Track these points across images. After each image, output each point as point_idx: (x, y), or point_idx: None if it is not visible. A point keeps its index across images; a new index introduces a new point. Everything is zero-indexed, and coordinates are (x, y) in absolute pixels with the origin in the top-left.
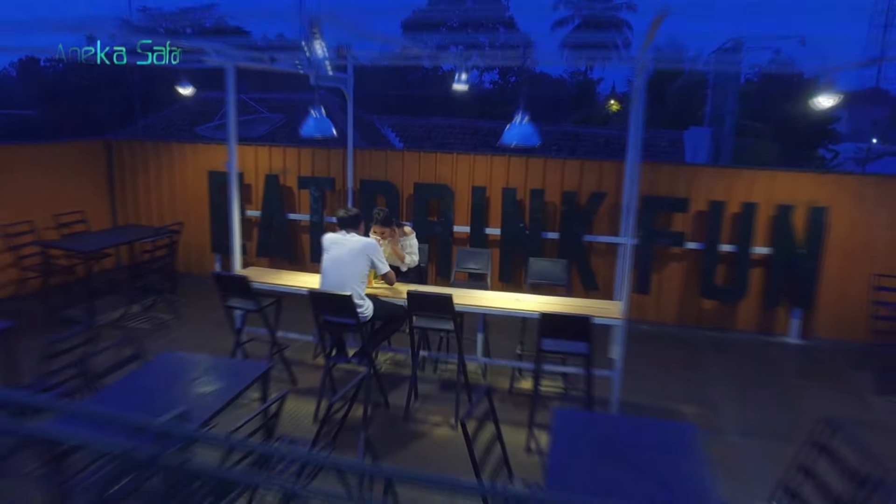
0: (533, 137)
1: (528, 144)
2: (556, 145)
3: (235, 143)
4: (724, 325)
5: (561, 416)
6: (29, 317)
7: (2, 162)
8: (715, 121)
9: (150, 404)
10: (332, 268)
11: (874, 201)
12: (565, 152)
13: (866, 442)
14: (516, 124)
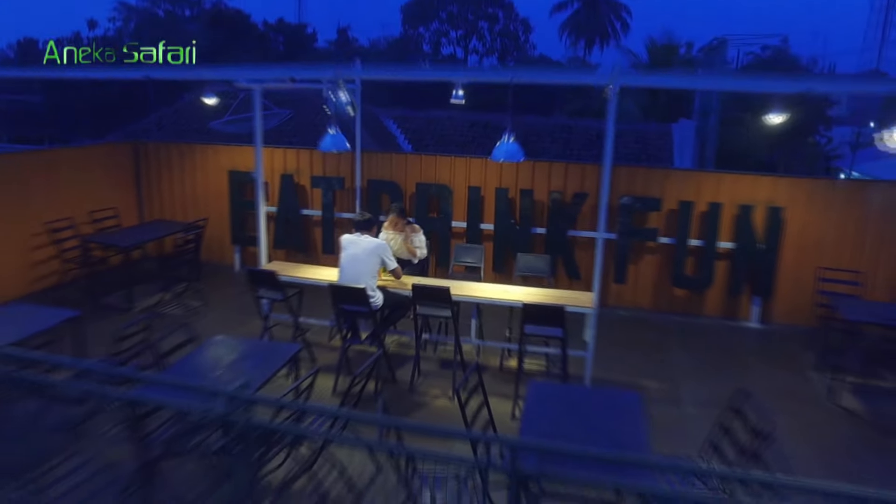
0: (518, 154)
1: (514, 161)
2: (549, 137)
3: (262, 157)
4: (693, 310)
5: (535, 386)
6: (73, 303)
7: (44, 165)
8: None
9: (211, 377)
10: (348, 264)
11: (824, 203)
12: (559, 145)
13: (777, 408)
14: (504, 143)
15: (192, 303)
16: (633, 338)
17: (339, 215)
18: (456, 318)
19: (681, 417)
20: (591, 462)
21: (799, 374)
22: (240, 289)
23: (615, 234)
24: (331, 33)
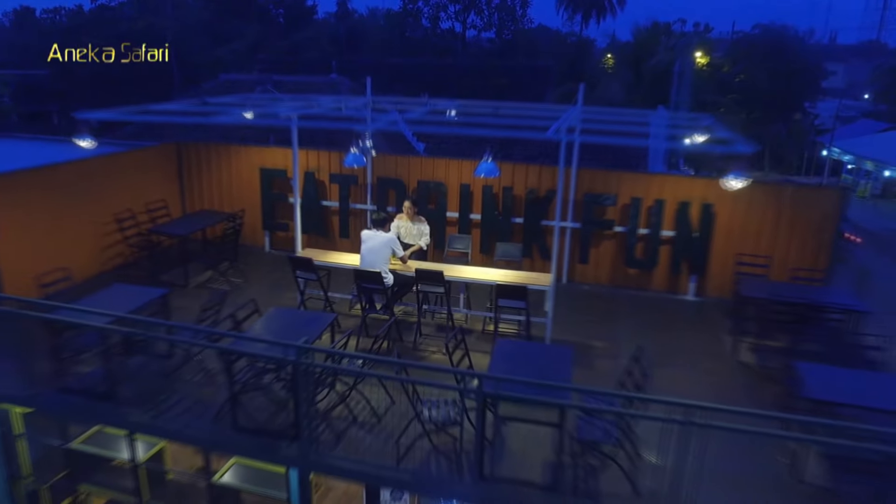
0: (495, 171)
1: (492, 176)
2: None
3: (298, 171)
4: (642, 286)
5: (500, 343)
6: (137, 280)
7: (109, 166)
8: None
9: (279, 335)
10: (367, 254)
11: (747, 200)
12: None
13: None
14: (484, 163)
15: (234, 279)
16: (591, 307)
17: (353, 206)
18: (448, 294)
19: (615, 367)
20: (527, 387)
21: (714, 336)
22: (271, 267)
23: (579, 224)
24: (330, 5)
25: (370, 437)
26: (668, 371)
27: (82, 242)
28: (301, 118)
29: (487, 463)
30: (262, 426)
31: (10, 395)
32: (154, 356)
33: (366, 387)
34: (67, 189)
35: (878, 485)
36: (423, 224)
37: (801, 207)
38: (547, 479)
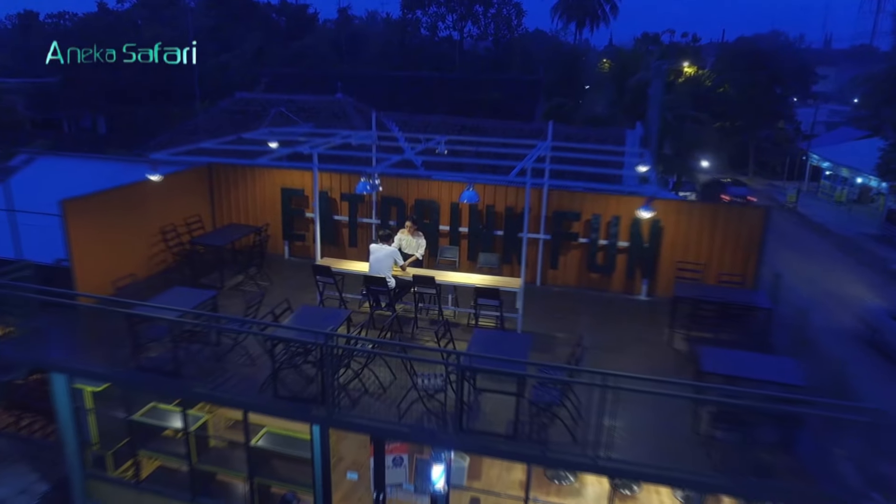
0: (475, 198)
1: (472, 202)
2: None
3: (318, 202)
4: (602, 287)
5: (477, 332)
6: (180, 282)
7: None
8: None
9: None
10: (374, 263)
11: (688, 218)
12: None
13: (636, 349)
14: (466, 191)
15: (262, 283)
16: (558, 305)
17: (360, 220)
18: (439, 294)
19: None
20: (491, 362)
21: (658, 328)
22: (291, 272)
23: (550, 236)
24: (331, 12)
25: (378, 402)
26: (615, 355)
27: (136, 251)
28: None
29: (465, 420)
30: (296, 394)
31: (98, 373)
32: (207, 343)
33: (374, 366)
34: (126, 207)
35: (743, 430)
36: (421, 238)
37: (732, 223)
38: (509, 431)
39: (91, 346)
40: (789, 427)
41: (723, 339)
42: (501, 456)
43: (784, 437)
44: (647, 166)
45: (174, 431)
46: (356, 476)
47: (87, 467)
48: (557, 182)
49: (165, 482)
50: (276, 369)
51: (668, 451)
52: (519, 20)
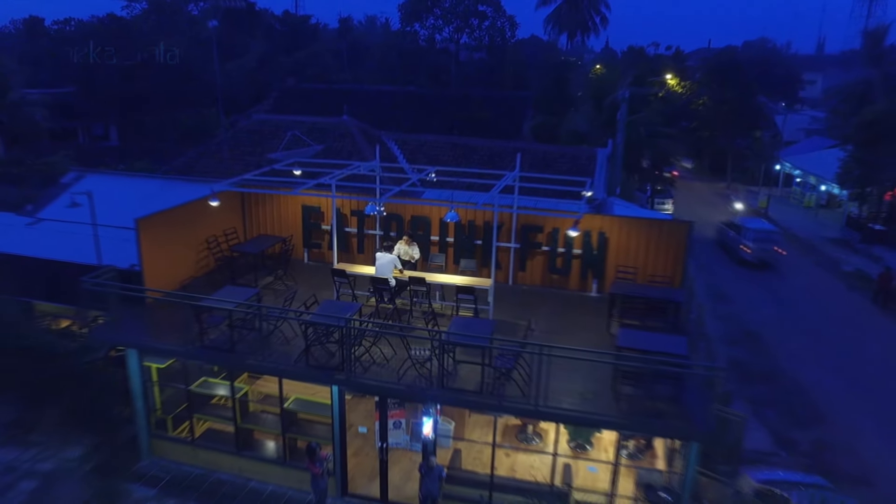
0: (455, 218)
1: (454, 221)
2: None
3: (335, 219)
4: (561, 286)
5: (455, 319)
6: (222, 283)
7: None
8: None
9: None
10: (379, 267)
11: (629, 230)
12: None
13: (579, 335)
14: (449, 213)
15: (288, 282)
16: (524, 300)
17: (366, 232)
18: (429, 292)
19: (532, 335)
20: (467, 338)
21: (600, 318)
22: (310, 274)
23: (519, 245)
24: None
25: (382, 370)
26: (565, 337)
27: (187, 257)
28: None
29: (446, 381)
30: (322, 364)
31: (172, 350)
32: (253, 328)
33: (379, 344)
34: (180, 222)
35: (643, 387)
36: (415, 248)
37: (664, 234)
38: (477, 389)
39: (160, 330)
40: (676, 384)
41: (648, 325)
42: (471, 406)
43: (673, 392)
44: (590, 192)
45: (221, 398)
46: (365, 430)
47: (152, 429)
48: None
49: (215, 439)
50: (308, 345)
51: (592, 402)
52: (513, 32)
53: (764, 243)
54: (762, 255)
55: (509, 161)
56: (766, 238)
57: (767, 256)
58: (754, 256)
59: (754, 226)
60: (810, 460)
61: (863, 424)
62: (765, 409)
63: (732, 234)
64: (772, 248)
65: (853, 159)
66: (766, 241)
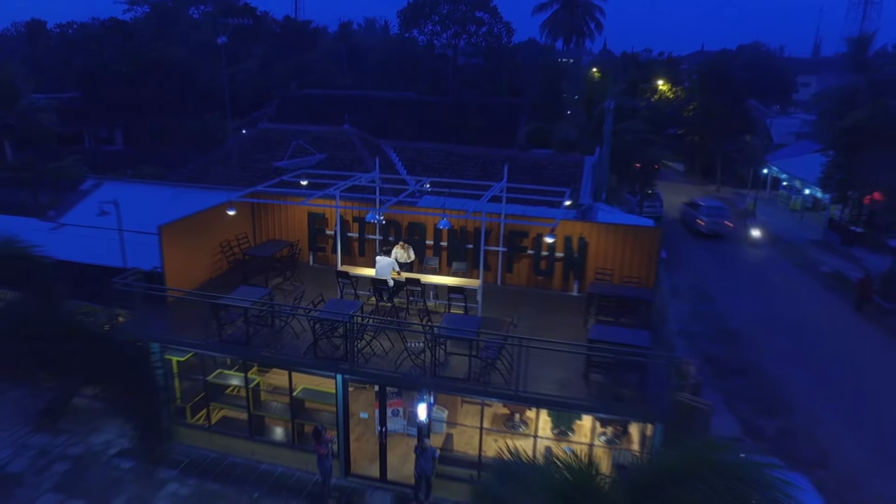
0: (448, 225)
1: (446, 228)
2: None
3: (339, 226)
4: (545, 286)
5: (446, 315)
6: (236, 284)
7: (217, 215)
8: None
9: (340, 310)
10: (379, 269)
11: (605, 235)
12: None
13: (560, 330)
14: (442, 221)
15: (296, 283)
16: (511, 299)
17: (367, 237)
18: (423, 291)
19: (515, 330)
20: (458, 332)
21: (579, 315)
22: (315, 275)
23: (507, 248)
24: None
25: (381, 360)
26: (546, 332)
27: (203, 260)
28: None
29: (437, 370)
30: (328, 355)
31: (193, 343)
32: (266, 324)
33: (379, 338)
34: (197, 229)
35: (610, 375)
36: (411, 251)
37: (637, 240)
38: (465, 376)
39: (180, 327)
40: (640, 373)
41: (622, 321)
42: (459, 392)
43: (637, 380)
44: (569, 201)
45: (235, 389)
46: (366, 415)
47: (172, 416)
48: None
49: (229, 426)
50: (316, 339)
51: (566, 389)
52: (509, 38)
53: (715, 218)
54: (714, 227)
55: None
56: (716, 214)
57: (718, 228)
58: (707, 228)
59: (707, 204)
60: (773, 445)
61: (825, 415)
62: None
63: (691, 212)
64: (722, 221)
65: (834, 164)
66: (716, 216)
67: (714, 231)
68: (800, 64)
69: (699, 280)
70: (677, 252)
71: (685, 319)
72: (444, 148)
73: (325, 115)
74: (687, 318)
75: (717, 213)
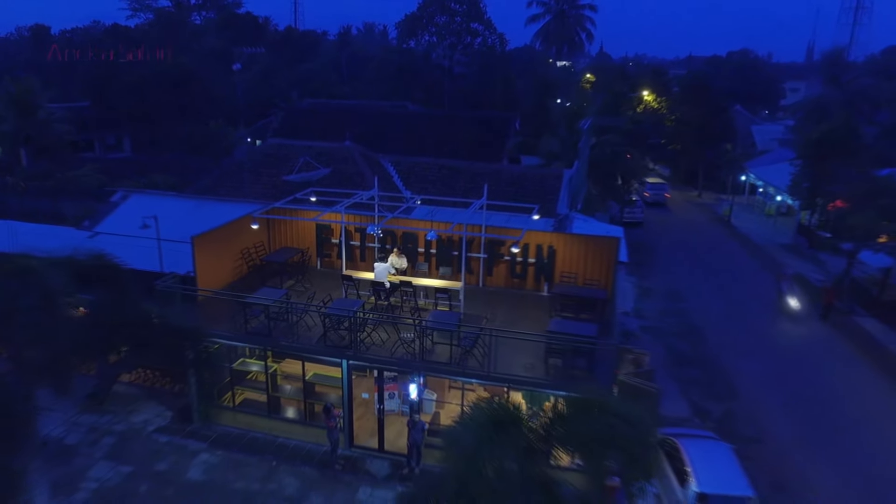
0: (435, 236)
1: (434, 239)
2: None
3: (343, 236)
4: (520, 287)
5: (434, 312)
6: (254, 285)
7: (239, 225)
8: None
9: (346, 306)
10: (377, 273)
11: (570, 243)
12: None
13: (531, 324)
14: (430, 233)
15: (306, 285)
16: (490, 299)
17: (367, 245)
18: (415, 292)
19: (489, 323)
20: (442, 325)
21: (547, 312)
22: (322, 279)
23: (486, 255)
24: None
25: (380, 349)
26: (518, 325)
27: (226, 265)
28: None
29: (426, 356)
30: (336, 344)
31: (223, 335)
32: (284, 319)
33: (377, 330)
34: (223, 238)
35: (565, 360)
36: (403, 259)
37: (598, 248)
38: (447, 361)
39: (210, 321)
40: (588, 358)
41: (581, 316)
42: (443, 373)
43: (587, 364)
44: (537, 215)
45: (255, 374)
46: (367, 395)
47: (202, 398)
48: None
49: (251, 406)
50: (325, 331)
51: (529, 370)
52: (503, 48)
53: (657, 192)
54: (656, 198)
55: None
56: (658, 188)
57: (659, 199)
58: (651, 199)
59: (651, 181)
60: (717, 425)
61: (767, 401)
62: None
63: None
64: (662, 194)
65: (802, 173)
66: (657, 190)
67: (656, 201)
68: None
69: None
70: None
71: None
72: (436, 162)
73: (327, 127)
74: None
75: (658, 188)
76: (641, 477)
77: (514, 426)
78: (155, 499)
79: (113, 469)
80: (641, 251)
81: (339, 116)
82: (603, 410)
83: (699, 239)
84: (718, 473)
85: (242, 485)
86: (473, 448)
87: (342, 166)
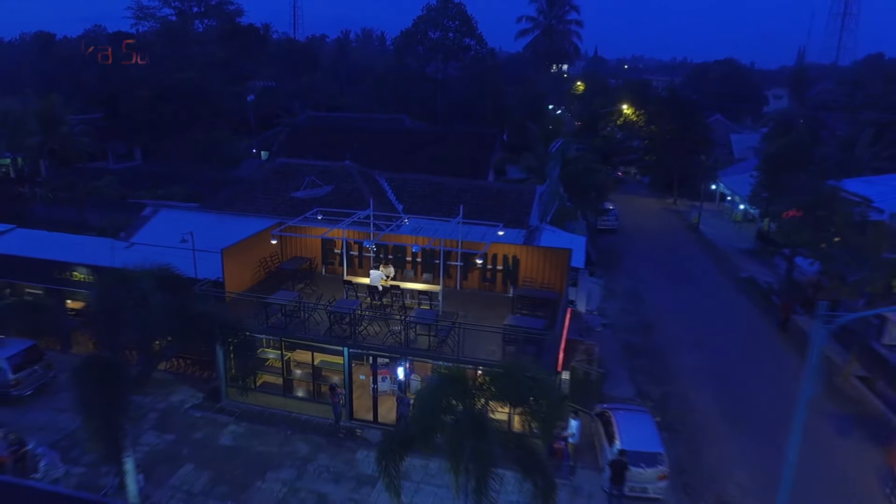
0: (418, 248)
1: (418, 251)
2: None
3: (345, 248)
4: (490, 289)
5: (417, 310)
6: (271, 289)
7: (258, 238)
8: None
9: (348, 304)
10: (372, 279)
11: (532, 254)
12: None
13: (494, 320)
14: (415, 247)
15: (313, 288)
16: (466, 299)
17: (364, 255)
18: (402, 295)
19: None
20: (423, 320)
21: (509, 310)
22: (327, 283)
23: (462, 263)
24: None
25: (374, 339)
26: (485, 320)
27: (248, 272)
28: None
29: (410, 344)
30: (339, 335)
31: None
32: (297, 316)
33: (372, 325)
34: (246, 249)
35: (518, 347)
36: (391, 269)
37: (554, 257)
38: (428, 348)
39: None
40: (538, 347)
41: (536, 313)
42: (423, 357)
43: (536, 351)
44: (502, 231)
45: (272, 361)
46: (364, 377)
47: (229, 381)
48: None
49: (269, 387)
50: (330, 325)
51: (490, 355)
52: (493, 59)
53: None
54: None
55: (472, 196)
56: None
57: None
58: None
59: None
60: (655, 403)
61: (701, 384)
62: (636, 372)
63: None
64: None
65: (760, 183)
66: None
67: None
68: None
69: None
70: None
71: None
72: (426, 178)
73: (328, 142)
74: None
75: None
76: (549, 420)
77: (461, 383)
78: (195, 459)
79: (159, 437)
80: (612, 255)
81: (339, 134)
82: (521, 375)
83: (667, 244)
84: (638, 436)
85: (264, 449)
86: (433, 398)
87: (343, 184)
